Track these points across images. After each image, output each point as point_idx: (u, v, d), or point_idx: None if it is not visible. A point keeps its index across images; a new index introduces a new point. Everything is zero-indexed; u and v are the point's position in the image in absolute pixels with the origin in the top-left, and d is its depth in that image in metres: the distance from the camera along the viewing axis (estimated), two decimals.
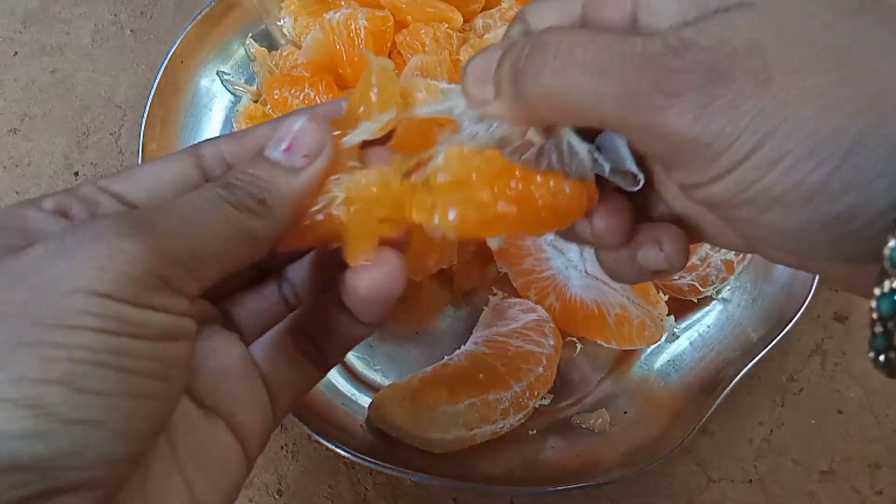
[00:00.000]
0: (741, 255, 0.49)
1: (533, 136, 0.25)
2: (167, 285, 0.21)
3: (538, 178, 0.24)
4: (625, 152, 0.24)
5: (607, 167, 0.24)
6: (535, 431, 0.47)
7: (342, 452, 0.42)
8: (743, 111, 0.19)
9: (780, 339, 0.47)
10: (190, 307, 0.22)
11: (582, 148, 0.24)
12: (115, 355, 0.19)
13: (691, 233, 0.26)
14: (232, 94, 0.58)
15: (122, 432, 0.19)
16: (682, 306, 0.51)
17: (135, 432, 0.20)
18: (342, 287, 0.26)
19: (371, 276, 0.25)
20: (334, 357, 0.29)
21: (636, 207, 0.27)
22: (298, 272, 0.30)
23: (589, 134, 0.25)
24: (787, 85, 0.19)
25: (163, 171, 0.26)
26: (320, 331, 0.28)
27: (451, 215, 0.24)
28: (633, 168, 0.24)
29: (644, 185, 0.25)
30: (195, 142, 0.54)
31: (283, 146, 0.25)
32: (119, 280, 0.19)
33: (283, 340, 0.29)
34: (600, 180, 0.25)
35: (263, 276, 0.31)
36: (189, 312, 0.22)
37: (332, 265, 0.29)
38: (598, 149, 0.25)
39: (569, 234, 0.27)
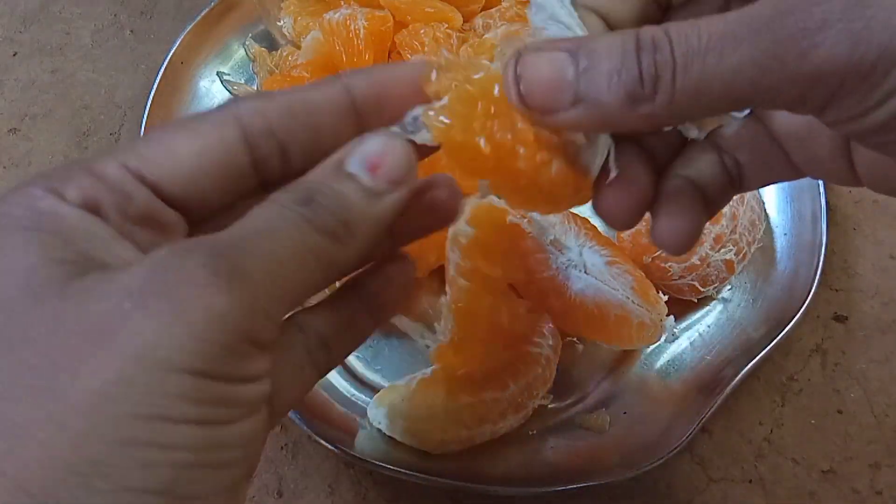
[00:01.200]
0: (741, 255, 0.49)
1: None
2: (256, 345, 0.18)
3: (531, 143, 0.23)
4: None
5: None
6: (535, 431, 0.47)
7: (342, 453, 0.42)
8: None
9: (780, 339, 0.47)
10: (271, 363, 0.20)
11: (604, 143, 0.23)
12: (212, 451, 0.17)
13: (785, 171, 0.25)
14: (232, 94, 0.58)
15: None
16: (682, 306, 0.51)
17: None
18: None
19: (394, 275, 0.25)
20: (339, 359, 0.27)
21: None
22: None
23: None
24: None
25: (201, 153, 0.22)
26: (337, 335, 0.26)
27: (444, 118, 0.23)
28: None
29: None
30: None
31: (367, 164, 0.22)
32: (216, 352, 0.17)
33: (294, 343, 0.26)
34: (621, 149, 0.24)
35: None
36: (271, 370, 0.20)
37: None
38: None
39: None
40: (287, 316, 0.25)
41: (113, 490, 0.16)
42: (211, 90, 0.57)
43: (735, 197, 0.49)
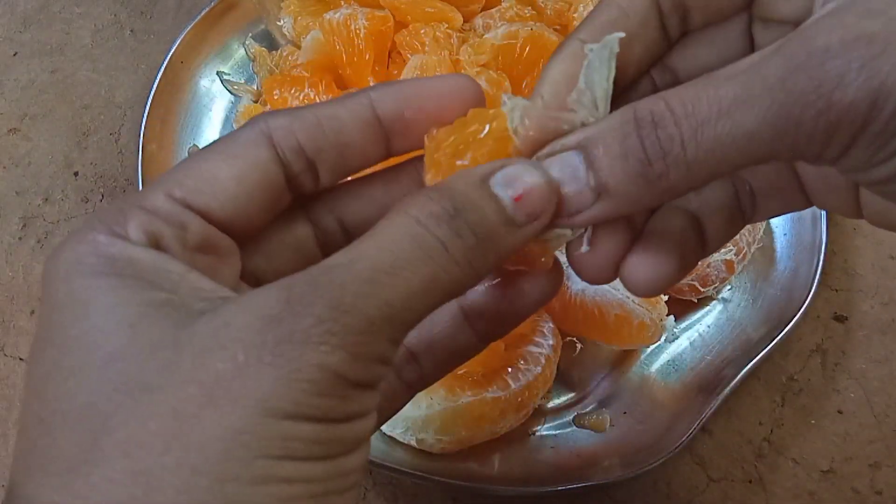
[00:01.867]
0: (741, 255, 0.49)
1: None
2: (363, 387, 0.19)
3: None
4: None
5: None
6: (534, 431, 0.47)
7: None
8: None
9: (780, 339, 0.47)
10: (379, 397, 0.20)
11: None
12: (336, 480, 0.18)
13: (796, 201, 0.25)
14: (232, 94, 0.58)
15: None
16: (682, 306, 0.51)
17: None
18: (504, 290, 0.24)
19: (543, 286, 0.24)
20: (431, 377, 0.26)
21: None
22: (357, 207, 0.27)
23: None
24: None
25: (241, 174, 0.22)
26: (429, 351, 0.26)
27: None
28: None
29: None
30: (195, 143, 0.55)
31: (514, 193, 0.21)
32: (328, 403, 0.18)
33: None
34: None
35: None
36: (378, 403, 0.20)
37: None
38: None
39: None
40: None
41: None
42: (211, 90, 0.57)
43: None
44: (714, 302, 0.52)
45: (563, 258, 0.25)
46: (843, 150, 0.19)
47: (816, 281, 0.48)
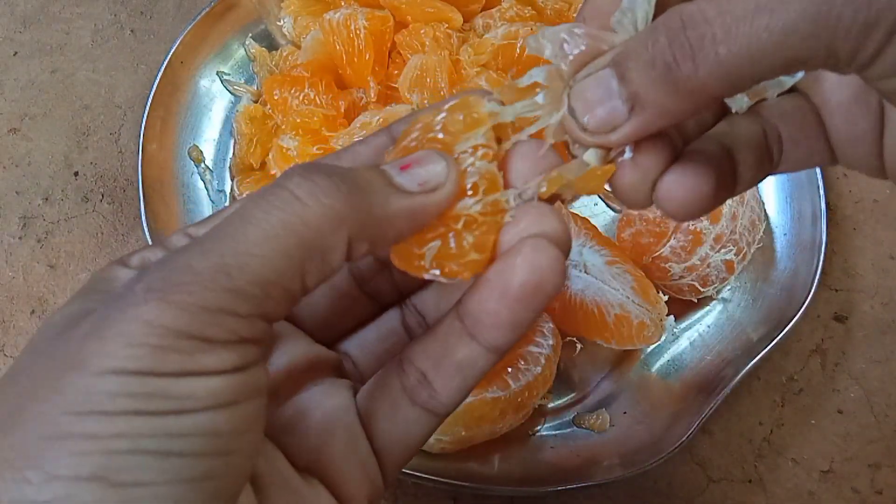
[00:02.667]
0: (741, 255, 0.49)
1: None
2: (211, 342, 0.18)
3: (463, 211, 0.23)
4: None
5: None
6: (534, 431, 0.47)
7: None
8: None
9: (780, 339, 0.47)
10: (251, 355, 0.19)
11: None
12: (155, 439, 0.17)
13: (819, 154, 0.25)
14: (232, 94, 0.58)
15: None
16: (682, 306, 0.51)
17: None
18: (469, 297, 0.23)
19: (533, 260, 0.21)
20: (450, 399, 0.24)
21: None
22: (429, 297, 0.27)
23: None
24: None
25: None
26: (435, 367, 0.24)
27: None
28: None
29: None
30: (195, 143, 0.55)
31: (401, 165, 0.22)
32: (150, 353, 0.17)
33: (389, 383, 0.24)
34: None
35: (385, 307, 0.28)
36: (250, 363, 0.19)
37: None
38: None
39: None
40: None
41: (45, 480, 0.16)
42: (211, 90, 0.57)
43: (735, 197, 0.49)
44: (714, 302, 0.52)
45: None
46: (878, 49, 0.18)
47: (816, 281, 0.48)
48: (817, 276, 0.49)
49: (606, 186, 0.24)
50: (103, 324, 0.18)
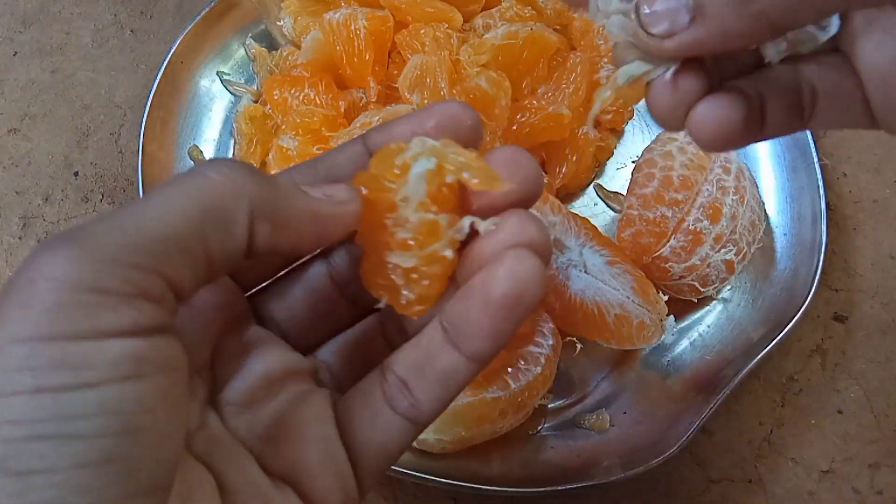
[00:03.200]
0: (741, 255, 0.49)
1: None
2: (111, 294, 0.17)
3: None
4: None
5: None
6: (534, 431, 0.47)
7: None
8: None
9: (780, 339, 0.47)
10: (156, 316, 0.18)
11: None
12: (54, 423, 0.16)
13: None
14: (232, 94, 0.58)
15: None
16: (682, 306, 0.51)
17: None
18: (452, 306, 0.23)
19: (514, 270, 0.21)
20: (430, 408, 0.24)
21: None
22: None
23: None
24: None
25: None
26: (415, 375, 0.24)
27: None
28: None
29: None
30: (195, 143, 0.55)
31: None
32: (47, 310, 0.16)
33: (372, 389, 0.24)
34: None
35: (365, 312, 0.28)
36: (157, 325, 0.18)
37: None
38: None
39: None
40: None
41: None
42: (211, 90, 0.57)
43: (735, 196, 0.49)
44: (714, 302, 0.52)
45: None
46: None
47: (816, 281, 0.48)
48: (817, 276, 0.49)
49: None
50: (11, 292, 0.17)
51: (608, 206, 0.56)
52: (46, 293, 0.16)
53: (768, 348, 0.46)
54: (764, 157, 0.55)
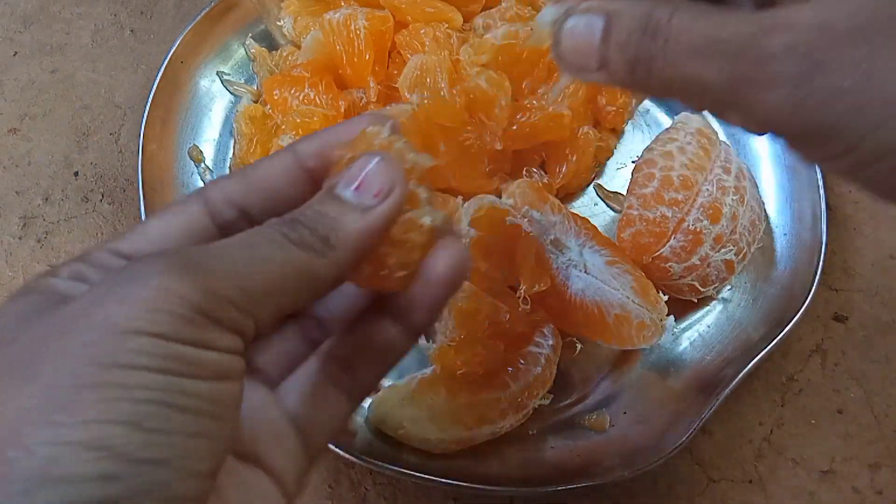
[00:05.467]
0: (741, 255, 0.49)
1: None
2: (218, 324, 0.21)
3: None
4: None
5: None
6: (535, 431, 0.47)
7: (342, 453, 0.42)
8: (842, 108, 0.20)
9: (780, 339, 0.47)
10: (242, 346, 0.22)
11: None
12: (174, 394, 0.19)
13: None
14: (232, 94, 0.58)
15: (187, 471, 0.20)
16: (682, 306, 0.51)
17: (197, 472, 0.20)
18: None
19: (449, 253, 0.25)
20: (370, 383, 0.29)
21: None
22: (332, 300, 0.30)
23: None
24: (890, 77, 0.19)
25: (169, 224, 0.26)
26: (358, 355, 0.28)
27: None
28: None
29: None
30: (195, 143, 0.55)
31: (354, 185, 0.24)
32: (171, 320, 0.20)
33: (314, 376, 0.28)
34: None
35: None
36: (241, 351, 0.22)
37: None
38: None
39: None
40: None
41: (78, 423, 0.18)
42: (211, 90, 0.57)
43: (735, 197, 0.49)
44: (714, 302, 0.52)
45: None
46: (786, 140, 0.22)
47: (816, 281, 0.48)
48: (817, 276, 0.49)
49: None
50: (120, 290, 0.20)
51: (608, 206, 0.56)
52: (173, 305, 0.20)
53: (768, 348, 0.46)
54: (764, 157, 0.55)
